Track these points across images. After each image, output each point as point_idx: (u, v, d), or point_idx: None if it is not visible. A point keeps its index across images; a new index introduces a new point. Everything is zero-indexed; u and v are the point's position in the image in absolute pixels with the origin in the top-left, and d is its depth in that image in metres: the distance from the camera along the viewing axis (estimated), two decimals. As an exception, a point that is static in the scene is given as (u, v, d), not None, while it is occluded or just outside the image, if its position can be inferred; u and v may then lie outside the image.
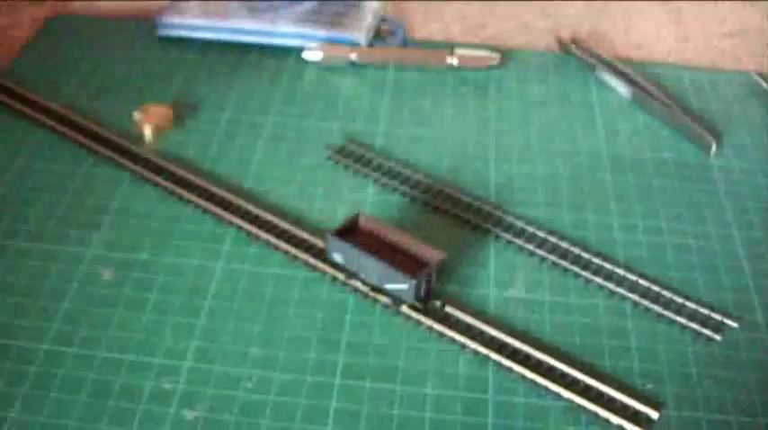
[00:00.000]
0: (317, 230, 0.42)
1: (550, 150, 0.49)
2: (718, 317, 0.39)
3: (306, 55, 0.54)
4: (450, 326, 0.37)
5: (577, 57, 0.56)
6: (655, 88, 0.52)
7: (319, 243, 0.41)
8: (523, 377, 0.36)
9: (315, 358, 0.36)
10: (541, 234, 0.42)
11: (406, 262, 0.37)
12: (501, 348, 0.37)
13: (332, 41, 0.55)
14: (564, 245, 0.42)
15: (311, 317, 0.38)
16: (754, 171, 0.48)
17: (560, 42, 0.57)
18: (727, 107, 0.53)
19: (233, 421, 0.34)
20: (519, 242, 0.42)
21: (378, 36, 0.58)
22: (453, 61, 0.54)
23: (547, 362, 0.36)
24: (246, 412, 0.34)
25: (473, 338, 0.37)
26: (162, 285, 0.39)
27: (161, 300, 0.38)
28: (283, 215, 0.42)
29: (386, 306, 0.38)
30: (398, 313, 0.38)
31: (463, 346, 0.37)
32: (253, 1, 0.58)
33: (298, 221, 0.42)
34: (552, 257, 0.41)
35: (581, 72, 0.55)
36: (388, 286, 0.37)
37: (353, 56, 0.54)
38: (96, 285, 0.39)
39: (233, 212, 0.42)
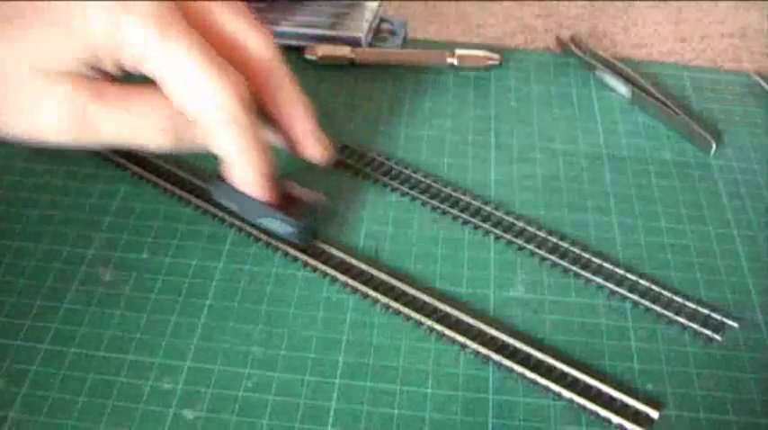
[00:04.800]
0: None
1: (550, 150, 0.49)
2: (718, 317, 0.39)
3: (306, 54, 0.54)
4: (451, 327, 0.37)
5: (577, 56, 0.56)
6: (655, 88, 0.52)
7: (318, 243, 0.41)
8: (523, 377, 0.36)
9: (315, 358, 0.36)
10: (541, 234, 0.42)
11: (287, 204, 0.39)
12: (501, 348, 0.37)
13: (332, 41, 0.55)
14: (564, 245, 0.42)
15: (311, 317, 0.38)
16: (754, 171, 0.48)
17: (560, 42, 0.57)
18: (727, 107, 0.53)
19: (233, 421, 0.34)
20: (519, 242, 0.42)
21: (378, 36, 0.58)
22: (453, 61, 0.54)
23: (547, 362, 0.36)
24: (246, 412, 0.34)
25: (473, 338, 0.37)
26: (162, 285, 0.39)
27: (161, 300, 0.38)
28: (283, 215, 0.42)
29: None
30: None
31: (463, 346, 0.37)
32: (253, 1, 0.58)
33: (298, 221, 0.42)
34: (552, 257, 0.41)
35: (581, 72, 0.55)
36: (272, 227, 0.39)
37: (353, 56, 0.54)
38: (96, 285, 0.39)
39: (232, 212, 0.42)
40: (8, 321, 0.37)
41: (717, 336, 0.38)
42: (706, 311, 0.39)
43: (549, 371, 0.36)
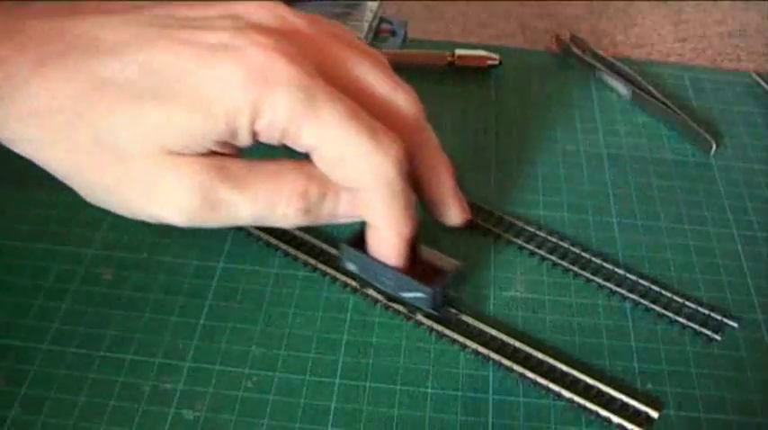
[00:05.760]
0: (315, 230, 0.42)
1: (550, 150, 0.49)
2: (718, 317, 0.39)
3: (306, 55, 0.54)
4: (451, 327, 0.37)
5: (577, 56, 0.56)
6: (655, 88, 0.52)
7: (319, 243, 0.41)
8: (523, 377, 0.36)
9: (315, 358, 0.36)
10: (541, 234, 0.42)
11: (420, 270, 0.36)
12: (501, 348, 0.37)
13: (332, 41, 0.55)
14: (564, 245, 0.42)
15: (311, 317, 0.38)
16: (754, 171, 0.48)
17: (560, 42, 0.57)
18: (727, 107, 0.53)
19: (233, 421, 0.34)
20: (519, 242, 0.42)
21: (378, 36, 0.58)
22: (453, 61, 0.54)
23: (547, 362, 0.36)
24: (246, 412, 0.34)
25: (473, 338, 0.37)
26: (162, 285, 0.39)
27: (161, 300, 0.38)
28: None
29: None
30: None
31: (463, 346, 0.37)
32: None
33: (298, 221, 0.42)
34: (552, 257, 0.41)
35: (581, 72, 0.55)
36: (405, 295, 0.36)
37: (353, 56, 0.54)
38: (96, 285, 0.39)
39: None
40: (8, 321, 0.37)
41: (717, 336, 0.38)
42: (706, 311, 0.39)
43: (549, 372, 0.36)
